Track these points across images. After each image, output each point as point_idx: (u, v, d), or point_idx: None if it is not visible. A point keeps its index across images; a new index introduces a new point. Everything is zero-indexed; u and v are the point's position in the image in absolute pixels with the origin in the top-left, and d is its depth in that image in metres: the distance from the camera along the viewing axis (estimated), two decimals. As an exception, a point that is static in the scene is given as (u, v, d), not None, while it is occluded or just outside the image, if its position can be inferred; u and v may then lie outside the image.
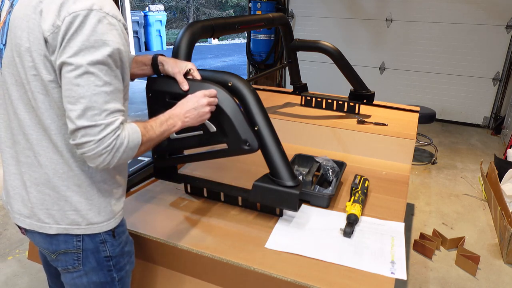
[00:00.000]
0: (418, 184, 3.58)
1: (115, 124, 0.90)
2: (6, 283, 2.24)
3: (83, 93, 0.86)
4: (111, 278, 1.14)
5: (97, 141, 0.88)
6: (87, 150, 0.89)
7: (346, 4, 5.59)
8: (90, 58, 0.86)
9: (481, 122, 5.27)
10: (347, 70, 2.30)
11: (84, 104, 0.86)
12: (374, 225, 1.42)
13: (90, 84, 0.86)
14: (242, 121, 1.23)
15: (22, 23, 0.90)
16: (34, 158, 0.99)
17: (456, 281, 2.34)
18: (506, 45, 4.88)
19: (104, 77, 0.88)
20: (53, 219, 1.03)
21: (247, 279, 1.21)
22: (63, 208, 1.02)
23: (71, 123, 0.88)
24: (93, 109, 0.87)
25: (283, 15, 2.31)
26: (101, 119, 0.88)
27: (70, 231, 1.03)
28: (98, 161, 0.91)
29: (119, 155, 0.92)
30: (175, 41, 1.47)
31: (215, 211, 1.49)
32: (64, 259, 1.08)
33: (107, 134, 0.88)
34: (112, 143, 0.89)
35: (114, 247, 1.11)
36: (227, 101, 1.21)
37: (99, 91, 0.87)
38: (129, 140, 0.93)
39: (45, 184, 1.01)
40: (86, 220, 1.04)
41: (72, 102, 0.87)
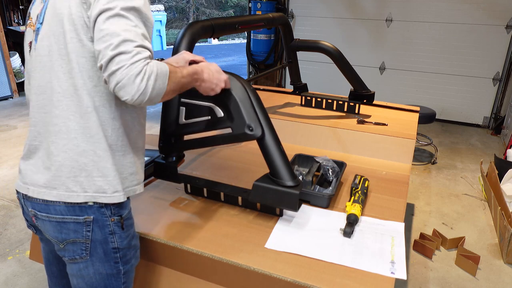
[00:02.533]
0: (418, 184, 3.58)
1: (144, 53, 0.94)
2: (6, 283, 2.24)
3: (115, 30, 0.92)
4: (117, 271, 1.15)
5: (129, 65, 0.91)
6: (120, 77, 0.91)
7: (346, 4, 5.59)
8: (122, 4, 0.94)
9: (481, 122, 5.27)
10: (347, 70, 2.30)
11: (116, 38, 0.91)
12: (374, 225, 1.42)
13: (122, 24, 0.93)
14: (249, 108, 1.26)
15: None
16: (63, 125, 1.03)
17: (456, 281, 2.34)
18: (506, 45, 4.88)
19: (135, 20, 0.95)
20: (80, 187, 1.05)
21: (247, 279, 1.21)
22: (91, 174, 1.05)
23: (104, 57, 0.92)
24: (124, 41, 0.92)
25: (283, 15, 2.31)
26: (132, 47, 0.92)
27: (97, 199, 1.06)
28: (132, 89, 0.92)
29: (152, 82, 0.94)
30: (175, 41, 1.47)
31: (215, 211, 1.49)
32: (72, 248, 1.10)
33: (138, 60, 0.92)
34: (144, 68, 0.93)
35: (122, 239, 1.13)
36: (237, 87, 1.27)
37: (130, 29, 0.94)
38: (158, 68, 0.96)
39: (73, 150, 1.04)
40: (113, 187, 1.07)
41: (105, 40, 0.92)
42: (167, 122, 1.39)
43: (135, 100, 0.94)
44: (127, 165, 1.11)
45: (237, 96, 1.26)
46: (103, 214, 1.09)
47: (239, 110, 1.26)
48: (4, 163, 3.78)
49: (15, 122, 4.91)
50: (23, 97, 5.95)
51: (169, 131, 1.39)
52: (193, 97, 1.34)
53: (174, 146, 1.44)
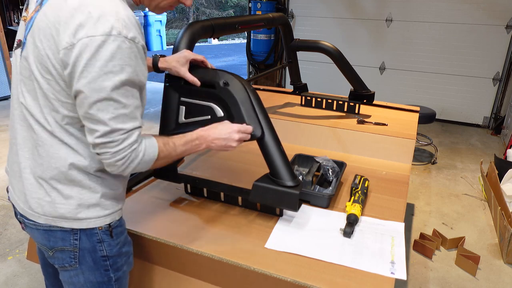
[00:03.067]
0: (418, 184, 3.58)
1: (131, 138, 0.95)
2: (6, 283, 2.24)
3: (102, 118, 0.90)
4: (108, 278, 1.14)
5: (113, 153, 0.94)
6: (104, 158, 0.95)
7: (346, 4, 5.59)
8: (108, 84, 0.88)
9: (481, 122, 5.27)
10: (347, 70, 2.30)
11: (103, 128, 0.91)
12: (374, 225, 1.42)
13: (109, 109, 0.90)
14: (249, 108, 1.26)
15: (46, 29, 0.90)
16: (41, 148, 1.00)
17: (456, 281, 2.34)
18: (506, 45, 4.88)
19: (122, 100, 0.91)
20: (42, 210, 1.03)
21: (247, 279, 1.21)
22: (54, 200, 1.02)
23: (91, 139, 0.93)
24: (112, 131, 0.92)
25: (283, 15, 2.31)
26: (118, 135, 0.93)
27: (58, 223, 1.03)
28: (113, 169, 0.97)
29: (133, 165, 0.98)
30: (175, 41, 1.47)
31: (215, 211, 1.49)
32: (60, 256, 1.08)
33: (123, 147, 0.94)
34: (127, 155, 0.95)
35: (112, 247, 1.11)
36: (237, 87, 1.27)
37: (117, 114, 0.91)
38: (145, 154, 0.99)
39: (41, 175, 1.02)
40: (75, 215, 1.04)
41: (92, 122, 0.92)
42: (167, 121, 1.39)
43: (117, 173, 0.99)
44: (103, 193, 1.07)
45: (237, 96, 1.26)
46: None
47: (239, 110, 1.26)
48: (4, 163, 3.78)
49: (15, 122, 4.91)
50: (23, 97, 5.95)
51: (168, 130, 1.39)
52: (193, 97, 1.34)
53: None
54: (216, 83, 1.28)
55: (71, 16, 0.87)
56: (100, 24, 0.85)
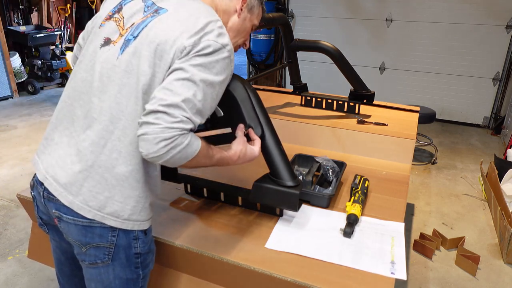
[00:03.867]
0: (418, 184, 3.58)
1: (187, 125, 0.95)
2: (6, 283, 2.24)
3: (181, 91, 0.95)
4: (137, 275, 1.15)
5: (165, 127, 0.92)
6: (151, 131, 0.92)
7: (346, 4, 5.59)
8: (204, 75, 0.98)
9: (481, 122, 5.27)
10: (347, 70, 2.30)
11: (172, 99, 0.93)
12: (374, 225, 1.42)
13: (190, 90, 0.96)
14: (249, 108, 1.26)
15: (169, 32, 1.01)
16: (110, 143, 1.02)
17: (456, 281, 2.34)
18: (506, 45, 4.88)
19: (203, 94, 0.98)
20: (97, 203, 1.02)
21: (247, 279, 1.21)
22: (114, 196, 1.03)
23: (152, 105, 0.93)
24: (177, 106, 0.93)
25: (283, 15, 2.31)
26: (179, 114, 0.94)
27: (105, 220, 1.03)
28: (151, 149, 0.93)
29: (174, 152, 0.94)
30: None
31: (215, 211, 1.49)
32: (94, 253, 1.08)
33: (176, 127, 0.93)
34: (175, 137, 0.93)
35: (144, 244, 1.13)
36: (238, 87, 1.26)
37: (192, 99, 0.96)
38: (189, 144, 0.97)
39: (109, 168, 1.02)
40: (126, 215, 1.05)
41: (166, 92, 0.94)
42: None
43: (148, 157, 0.95)
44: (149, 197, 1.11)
45: (237, 96, 1.26)
46: None
47: (239, 110, 1.26)
48: (4, 163, 3.78)
49: (15, 122, 4.91)
50: (23, 97, 5.96)
51: None
52: None
53: None
54: None
55: (200, 28, 1.02)
56: (221, 37, 1.03)
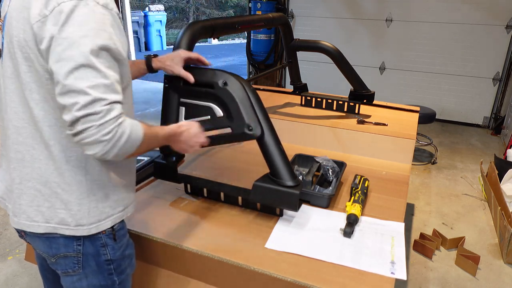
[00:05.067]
0: (418, 184, 3.58)
1: (115, 111, 0.87)
2: (6, 283, 2.24)
3: (81, 87, 0.83)
4: (112, 282, 1.13)
5: (98, 126, 0.84)
6: (86, 136, 0.85)
7: (346, 4, 5.59)
8: (84, 49, 0.84)
9: (481, 122, 5.27)
10: (347, 70, 2.30)
11: (83, 98, 0.83)
12: (374, 225, 1.42)
13: (88, 77, 0.84)
14: (249, 108, 1.26)
15: (18, 14, 0.89)
16: (27, 153, 0.98)
17: (456, 281, 2.34)
18: (506, 45, 4.88)
19: (102, 68, 0.86)
20: (42, 217, 1.00)
21: (247, 279, 1.21)
22: (54, 205, 0.99)
23: (70, 115, 0.84)
24: (93, 101, 0.84)
25: (283, 15, 2.31)
26: (101, 106, 0.85)
27: (59, 230, 1.00)
28: (96, 149, 0.87)
29: (119, 145, 0.88)
30: (175, 41, 1.47)
31: (215, 211, 1.49)
32: (64, 262, 1.07)
33: (108, 119, 0.85)
34: (114, 129, 0.86)
35: (115, 250, 1.10)
36: (237, 87, 1.26)
37: (97, 83, 0.85)
38: (131, 131, 0.90)
39: (37, 179, 0.99)
40: (75, 221, 1.01)
41: (70, 96, 0.84)
42: (167, 121, 1.39)
43: (96, 157, 0.89)
44: (103, 195, 1.04)
45: (236, 96, 1.26)
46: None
47: (239, 110, 1.26)
48: (4, 163, 3.77)
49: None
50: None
51: None
52: (193, 97, 1.35)
53: None
54: (215, 83, 1.28)
55: None
56: None
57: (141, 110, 5.61)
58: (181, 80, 1.33)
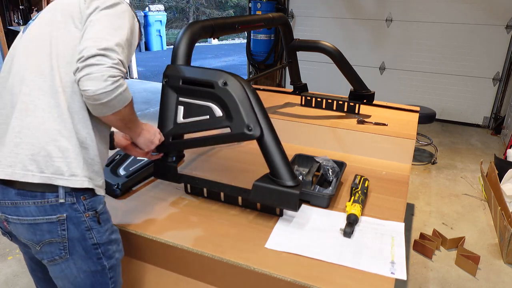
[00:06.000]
0: (418, 184, 3.58)
1: (123, 68, 1.01)
2: (6, 283, 2.24)
3: (111, 37, 1.00)
4: (102, 267, 1.13)
5: (109, 66, 0.96)
6: (96, 70, 0.95)
7: (346, 4, 5.59)
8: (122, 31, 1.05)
9: (481, 122, 5.27)
10: (347, 70, 2.30)
11: (106, 43, 0.99)
12: (374, 225, 1.42)
13: (116, 36, 1.02)
14: (248, 108, 1.26)
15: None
16: (31, 103, 1.03)
17: (456, 281, 2.34)
18: (506, 45, 4.88)
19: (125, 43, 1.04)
20: (37, 166, 1.01)
21: (247, 279, 1.21)
22: (50, 153, 1.02)
23: (88, 51, 0.96)
24: (112, 49, 0.99)
25: (283, 15, 2.31)
26: (116, 57, 0.99)
27: (53, 181, 1.02)
28: (100, 85, 0.95)
29: (119, 91, 0.99)
30: (175, 41, 1.47)
31: (215, 211, 1.49)
32: (49, 250, 1.07)
33: (119, 67, 0.99)
34: (118, 77, 0.98)
35: (101, 234, 1.11)
36: (236, 87, 1.26)
37: (121, 45, 1.02)
38: (126, 89, 1.02)
39: (37, 128, 1.02)
40: (70, 170, 1.03)
41: (95, 40, 0.98)
42: (165, 121, 1.39)
43: (96, 94, 0.96)
44: (93, 158, 1.10)
45: (236, 96, 1.26)
46: (77, 211, 1.06)
47: (238, 110, 1.26)
48: None
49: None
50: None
51: (167, 130, 1.39)
52: (192, 96, 1.34)
53: (172, 145, 1.44)
54: (215, 83, 1.28)
55: None
56: None
57: (141, 110, 5.60)
58: (181, 79, 1.34)
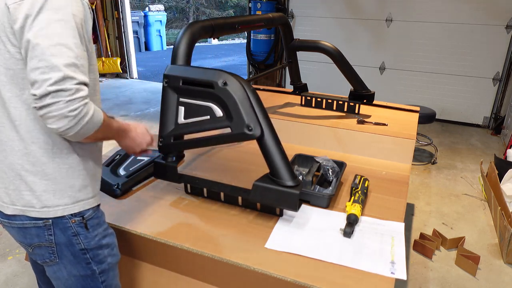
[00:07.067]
0: (418, 184, 3.58)
1: (83, 92, 0.92)
2: (6, 283, 2.24)
3: (56, 63, 0.88)
4: (91, 271, 1.14)
5: (67, 102, 0.89)
6: (54, 109, 0.89)
7: (346, 4, 5.59)
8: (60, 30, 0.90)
9: (481, 122, 5.27)
10: (347, 70, 2.30)
11: (56, 74, 0.88)
12: (374, 225, 1.42)
13: (63, 55, 0.90)
14: (248, 107, 1.26)
15: None
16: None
17: (456, 281, 2.34)
18: (506, 45, 4.88)
19: (75, 49, 0.92)
20: (9, 199, 1.04)
21: (247, 279, 1.21)
22: (19, 187, 1.03)
23: (41, 89, 0.88)
24: (65, 78, 0.89)
25: (283, 15, 2.31)
26: (71, 84, 0.90)
27: (26, 213, 1.03)
28: (61, 123, 0.90)
29: (83, 123, 0.93)
30: (175, 41, 1.47)
31: (215, 211, 1.49)
32: (39, 252, 1.09)
33: (77, 97, 0.90)
34: (80, 107, 0.91)
35: (89, 239, 1.11)
36: (236, 87, 1.26)
37: (71, 62, 0.90)
38: (94, 113, 0.95)
39: (3, 162, 1.03)
40: (41, 202, 1.03)
41: (43, 72, 0.88)
42: (166, 122, 1.39)
43: (59, 132, 0.92)
44: (77, 176, 1.07)
45: (236, 96, 1.26)
46: (62, 217, 1.06)
47: (238, 109, 1.26)
48: None
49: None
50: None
51: (168, 130, 1.40)
52: (192, 97, 1.35)
53: (173, 145, 1.44)
54: (215, 83, 1.28)
55: None
56: None
57: (141, 110, 5.60)
58: (181, 79, 1.34)
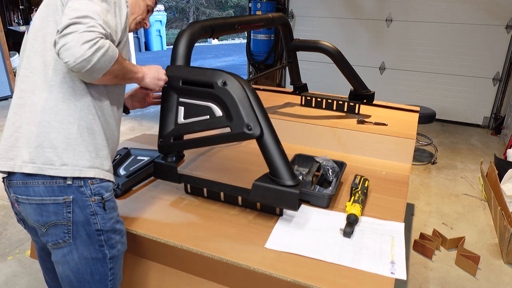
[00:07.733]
0: (418, 184, 3.58)
1: (101, 29, 0.99)
2: (6, 283, 2.24)
3: (79, 8, 0.98)
4: (103, 255, 1.15)
5: (82, 31, 0.94)
6: (69, 39, 0.93)
7: (346, 4, 5.59)
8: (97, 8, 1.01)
9: (481, 122, 5.27)
10: (347, 70, 2.30)
11: (78, 13, 0.97)
12: (374, 225, 1.42)
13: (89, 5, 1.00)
14: (248, 107, 1.26)
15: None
16: (28, 98, 1.08)
17: (456, 281, 2.34)
18: (506, 45, 4.88)
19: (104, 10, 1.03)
20: (29, 156, 1.05)
21: (247, 279, 1.21)
22: (42, 144, 1.05)
23: (62, 23, 0.95)
24: (85, 16, 0.97)
25: (283, 15, 2.31)
26: (92, 21, 0.97)
27: (44, 171, 1.05)
28: (77, 52, 0.93)
29: (99, 54, 0.96)
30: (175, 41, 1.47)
31: (215, 211, 1.49)
32: (54, 232, 1.09)
33: (94, 30, 0.96)
34: (96, 38, 0.96)
35: (105, 220, 1.13)
36: (236, 87, 1.26)
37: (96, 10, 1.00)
38: (109, 48, 0.99)
39: (32, 122, 1.06)
40: (61, 160, 1.06)
41: (67, 14, 0.97)
42: (166, 121, 1.39)
43: (76, 63, 0.95)
44: (100, 143, 1.12)
45: (235, 96, 1.26)
46: (83, 194, 1.08)
47: (238, 109, 1.26)
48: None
49: (15, 122, 4.90)
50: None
51: (168, 130, 1.40)
52: (192, 97, 1.35)
53: (173, 145, 1.44)
54: (214, 83, 1.28)
55: None
56: None
57: (141, 110, 5.61)
58: (181, 79, 1.34)
